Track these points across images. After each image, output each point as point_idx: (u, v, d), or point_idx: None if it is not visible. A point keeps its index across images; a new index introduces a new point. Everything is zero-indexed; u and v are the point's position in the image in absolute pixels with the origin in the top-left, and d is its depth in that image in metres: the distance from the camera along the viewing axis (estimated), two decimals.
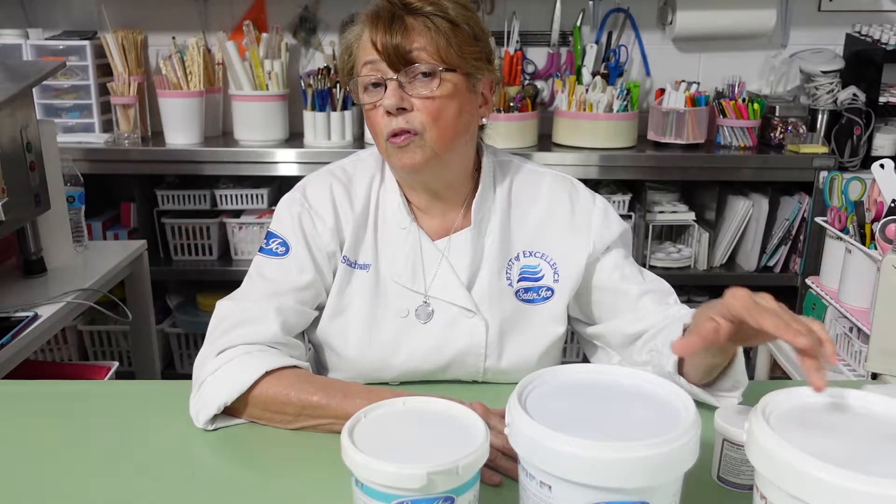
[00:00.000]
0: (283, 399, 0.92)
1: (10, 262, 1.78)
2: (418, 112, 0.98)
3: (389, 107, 0.97)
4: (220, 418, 0.94)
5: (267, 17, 2.61)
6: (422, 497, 0.62)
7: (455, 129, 1.01)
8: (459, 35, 0.99)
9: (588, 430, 0.62)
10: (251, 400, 0.93)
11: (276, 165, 2.32)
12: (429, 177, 1.05)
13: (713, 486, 0.84)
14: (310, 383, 0.94)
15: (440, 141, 1.00)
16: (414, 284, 1.08)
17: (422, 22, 0.97)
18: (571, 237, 1.10)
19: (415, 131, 0.98)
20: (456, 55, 0.98)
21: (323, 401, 0.92)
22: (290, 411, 0.93)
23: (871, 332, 1.39)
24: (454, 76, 0.99)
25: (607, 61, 2.53)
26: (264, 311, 1.01)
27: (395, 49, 0.96)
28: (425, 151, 1.00)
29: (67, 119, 2.47)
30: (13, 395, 1.08)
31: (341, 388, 0.94)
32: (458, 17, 0.99)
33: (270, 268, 1.06)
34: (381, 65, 0.98)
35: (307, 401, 0.92)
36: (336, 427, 0.90)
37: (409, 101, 0.98)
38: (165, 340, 2.58)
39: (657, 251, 2.47)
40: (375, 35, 0.97)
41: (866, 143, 2.45)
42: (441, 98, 0.98)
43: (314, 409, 0.92)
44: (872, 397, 0.67)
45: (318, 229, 1.07)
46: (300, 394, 0.92)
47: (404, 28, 0.96)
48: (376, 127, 1.01)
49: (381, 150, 1.04)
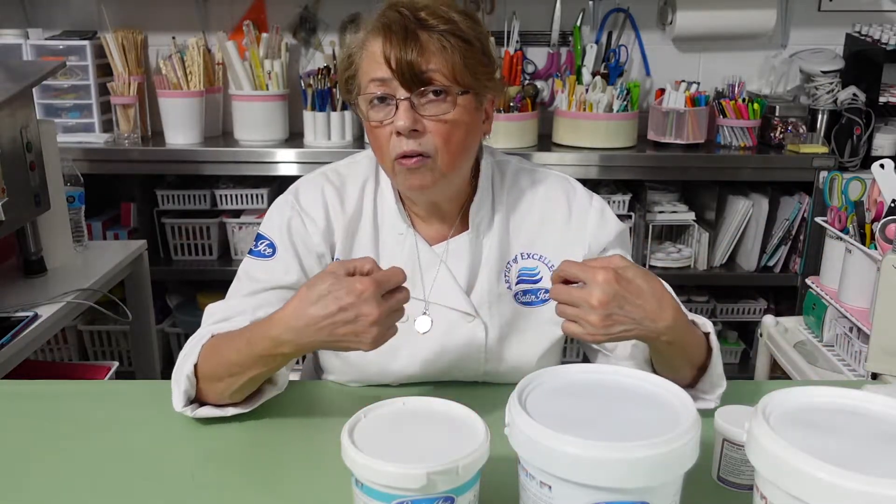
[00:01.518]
0: (213, 365, 0.92)
1: (10, 262, 1.78)
2: (430, 135, 0.96)
3: (403, 129, 0.94)
4: (205, 408, 0.95)
5: (267, 17, 2.61)
6: (422, 497, 0.62)
7: (464, 150, 1.00)
8: (472, 54, 0.96)
9: (588, 430, 0.62)
10: (199, 378, 0.94)
11: (276, 165, 2.32)
12: (433, 195, 1.05)
13: (713, 486, 0.84)
14: (221, 342, 0.94)
15: (449, 164, 0.98)
16: (413, 290, 1.07)
17: (437, 40, 0.94)
18: (568, 238, 1.10)
19: (427, 154, 0.96)
20: (470, 76, 0.96)
21: (234, 356, 0.90)
22: (222, 374, 0.92)
23: (871, 332, 1.39)
24: (466, 98, 0.97)
25: (607, 61, 2.53)
26: (242, 308, 1.01)
27: (409, 67, 0.93)
28: (434, 174, 0.98)
29: (67, 119, 2.47)
30: (13, 395, 1.08)
31: (241, 335, 0.91)
32: (470, 34, 0.97)
33: (257, 268, 1.06)
34: (392, 83, 0.95)
35: (227, 359, 0.91)
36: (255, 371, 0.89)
37: (422, 123, 0.95)
38: (165, 340, 2.58)
39: (657, 251, 2.47)
40: (389, 50, 0.93)
41: (866, 143, 2.45)
42: (453, 121, 0.96)
43: (234, 366, 0.90)
44: (872, 397, 0.67)
45: (308, 230, 1.07)
46: (219, 357, 0.92)
47: (419, 45, 0.93)
48: (383, 146, 0.98)
49: (386, 168, 1.02)
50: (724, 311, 2.58)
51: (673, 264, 2.45)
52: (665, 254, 2.46)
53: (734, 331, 2.64)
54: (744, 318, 2.59)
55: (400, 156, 0.97)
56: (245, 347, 0.89)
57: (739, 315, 2.58)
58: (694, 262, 2.46)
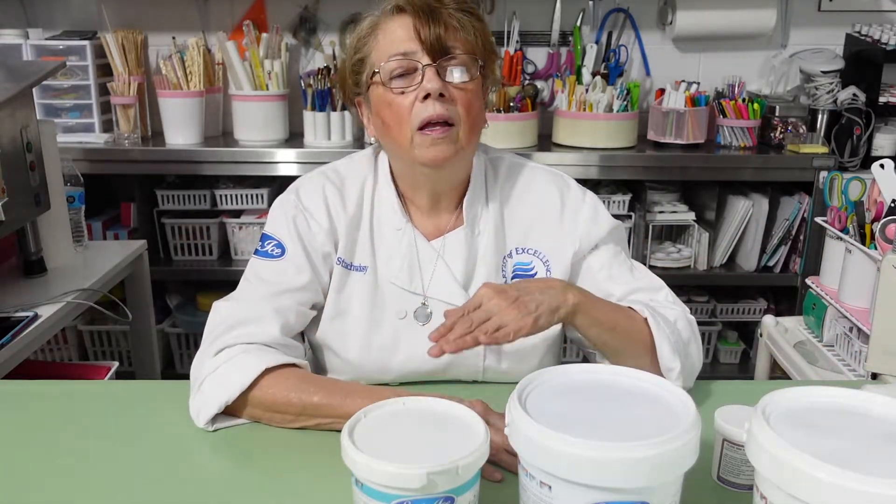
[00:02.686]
0: (284, 400, 0.92)
1: (10, 262, 1.78)
2: (454, 102, 0.99)
3: (433, 90, 0.97)
4: (220, 419, 0.94)
5: (267, 17, 2.61)
6: (422, 497, 0.62)
7: (479, 123, 1.04)
8: (485, 34, 1.02)
9: (588, 430, 0.62)
10: (251, 400, 0.93)
11: (276, 165, 2.32)
12: (447, 173, 1.06)
13: (713, 486, 0.84)
14: (310, 383, 0.94)
15: (468, 135, 1.01)
16: (411, 286, 1.08)
17: (457, 18, 1.00)
18: (561, 234, 1.10)
19: (452, 122, 0.99)
20: (485, 52, 1.02)
21: (324, 401, 0.92)
22: (291, 411, 0.93)
23: (871, 332, 1.39)
24: (478, 78, 1.02)
25: (607, 61, 2.53)
26: (263, 312, 1.01)
27: (437, 40, 0.98)
28: (456, 145, 1.00)
29: (67, 119, 2.47)
30: (13, 395, 1.08)
31: (342, 388, 0.94)
32: (481, 15, 1.04)
33: (267, 269, 1.06)
34: (416, 55, 0.98)
35: (308, 401, 0.92)
36: (337, 426, 0.90)
37: (448, 90, 0.99)
38: (165, 340, 2.58)
39: (657, 251, 2.47)
40: (417, 24, 0.98)
41: (866, 143, 2.45)
42: (473, 91, 1.00)
43: (315, 409, 0.92)
44: (872, 397, 0.67)
45: (312, 230, 1.07)
46: (301, 394, 0.92)
47: (442, 21, 0.98)
48: (404, 116, 0.99)
49: (404, 142, 1.01)
50: (724, 311, 2.58)
51: (673, 264, 2.45)
52: (665, 254, 2.46)
53: (734, 331, 2.64)
54: (744, 318, 2.59)
55: (426, 122, 0.98)
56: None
57: (739, 315, 2.58)
58: (694, 263, 2.46)
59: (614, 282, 1.10)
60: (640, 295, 1.08)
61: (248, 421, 0.96)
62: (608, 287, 1.09)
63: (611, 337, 1.00)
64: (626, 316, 1.01)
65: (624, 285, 1.09)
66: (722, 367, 2.63)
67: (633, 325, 1.00)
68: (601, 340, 1.00)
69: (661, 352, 0.99)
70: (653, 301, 1.08)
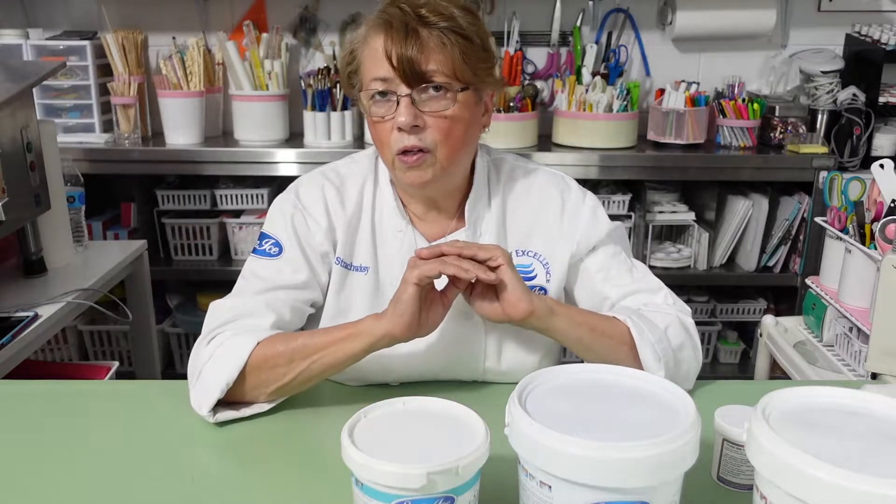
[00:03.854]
0: (273, 352, 0.95)
1: (10, 262, 1.78)
2: (431, 130, 0.98)
3: (404, 125, 0.96)
4: (222, 410, 0.95)
5: (267, 17, 2.61)
6: (422, 497, 0.62)
7: (463, 145, 1.02)
8: (472, 51, 0.98)
9: (588, 430, 0.62)
10: (248, 371, 0.95)
11: (276, 165, 2.32)
12: (432, 191, 1.06)
13: (713, 486, 0.84)
14: (293, 334, 0.99)
15: (449, 158, 1.00)
16: None
17: (437, 37, 0.95)
18: (560, 236, 1.10)
19: (427, 149, 0.98)
20: (470, 73, 0.98)
21: (308, 340, 0.96)
22: (282, 361, 0.95)
23: (871, 332, 1.39)
24: (465, 94, 0.99)
25: (607, 61, 2.53)
26: (257, 306, 1.02)
27: (409, 63, 0.94)
28: (435, 169, 1.00)
29: (67, 119, 2.47)
30: (13, 395, 1.08)
31: (321, 330, 0.99)
32: (470, 30, 0.98)
33: (263, 267, 1.06)
34: (394, 80, 0.96)
35: (294, 345, 0.96)
36: (327, 359, 0.95)
37: (422, 119, 0.97)
38: (165, 340, 2.58)
39: (657, 251, 2.47)
40: (390, 46, 0.95)
41: (866, 143, 2.45)
42: (452, 117, 0.98)
43: (303, 349, 0.95)
44: (872, 397, 0.67)
45: (311, 230, 1.07)
46: (287, 342, 0.96)
47: (419, 42, 0.94)
48: (385, 141, 1.00)
49: (387, 163, 1.03)
50: (724, 311, 2.58)
51: (673, 264, 2.45)
52: (665, 254, 2.46)
53: (734, 331, 2.64)
54: (744, 318, 2.59)
55: (401, 151, 0.98)
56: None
57: (739, 315, 2.59)
58: (694, 262, 2.46)
59: (611, 284, 1.10)
60: (636, 297, 1.09)
61: (248, 414, 0.96)
62: (604, 290, 1.10)
63: (592, 340, 1.02)
64: (608, 323, 1.03)
65: (620, 288, 1.09)
66: (722, 367, 2.63)
67: (614, 331, 1.02)
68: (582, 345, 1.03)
69: (643, 359, 1.00)
70: (649, 304, 1.08)
